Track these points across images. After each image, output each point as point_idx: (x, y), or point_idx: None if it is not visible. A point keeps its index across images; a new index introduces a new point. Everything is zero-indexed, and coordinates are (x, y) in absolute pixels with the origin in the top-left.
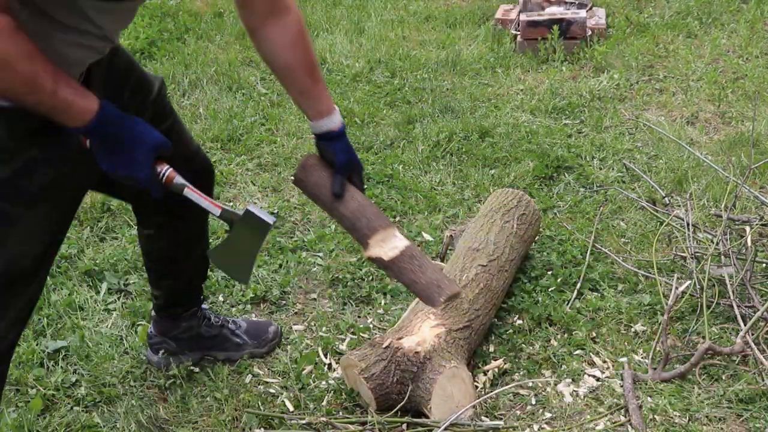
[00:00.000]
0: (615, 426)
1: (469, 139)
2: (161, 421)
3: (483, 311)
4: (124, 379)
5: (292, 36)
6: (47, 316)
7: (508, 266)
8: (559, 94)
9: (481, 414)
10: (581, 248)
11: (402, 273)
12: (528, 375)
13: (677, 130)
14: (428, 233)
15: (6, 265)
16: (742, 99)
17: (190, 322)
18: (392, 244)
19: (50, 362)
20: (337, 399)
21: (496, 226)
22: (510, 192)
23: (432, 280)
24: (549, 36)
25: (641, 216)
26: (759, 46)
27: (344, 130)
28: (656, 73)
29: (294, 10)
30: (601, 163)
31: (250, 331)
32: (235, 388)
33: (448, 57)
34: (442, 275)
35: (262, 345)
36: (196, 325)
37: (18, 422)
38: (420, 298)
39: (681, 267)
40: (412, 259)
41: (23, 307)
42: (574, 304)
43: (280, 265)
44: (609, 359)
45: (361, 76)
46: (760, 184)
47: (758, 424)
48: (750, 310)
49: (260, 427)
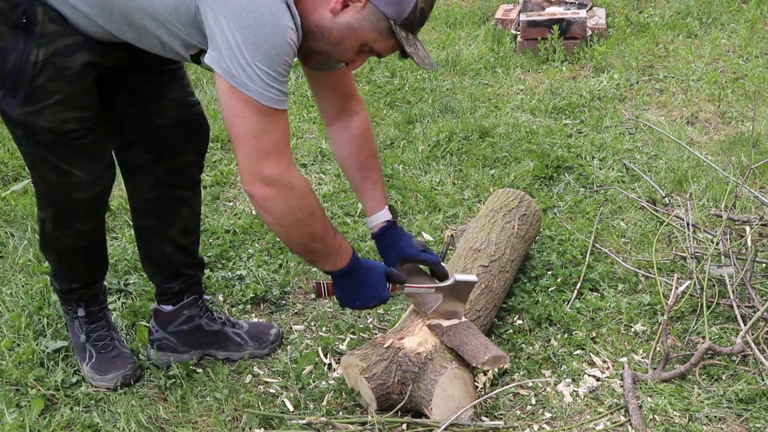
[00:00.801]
0: (615, 426)
1: (469, 139)
2: (161, 421)
3: (484, 312)
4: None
5: (351, 139)
6: (47, 316)
7: (509, 267)
8: (559, 94)
9: (481, 414)
10: (581, 248)
11: (455, 337)
12: (528, 375)
13: (677, 130)
14: (428, 233)
15: (54, 124)
16: (742, 99)
17: (191, 311)
18: (454, 317)
19: (50, 362)
20: (337, 399)
21: (497, 227)
22: (511, 192)
23: (482, 344)
24: (549, 36)
25: (641, 216)
26: (759, 46)
27: (384, 231)
28: (656, 73)
29: (360, 116)
30: (601, 163)
31: (251, 332)
32: (235, 388)
33: (448, 57)
34: (491, 344)
35: (263, 347)
36: (197, 316)
37: (18, 422)
38: (465, 356)
39: (681, 267)
40: (468, 328)
41: (90, 157)
42: (574, 304)
43: (280, 265)
44: (609, 359)
45: (361, 76)
46: (760, 184)
47: (758, 424)
48: (750, 310)
49: (260, 427)
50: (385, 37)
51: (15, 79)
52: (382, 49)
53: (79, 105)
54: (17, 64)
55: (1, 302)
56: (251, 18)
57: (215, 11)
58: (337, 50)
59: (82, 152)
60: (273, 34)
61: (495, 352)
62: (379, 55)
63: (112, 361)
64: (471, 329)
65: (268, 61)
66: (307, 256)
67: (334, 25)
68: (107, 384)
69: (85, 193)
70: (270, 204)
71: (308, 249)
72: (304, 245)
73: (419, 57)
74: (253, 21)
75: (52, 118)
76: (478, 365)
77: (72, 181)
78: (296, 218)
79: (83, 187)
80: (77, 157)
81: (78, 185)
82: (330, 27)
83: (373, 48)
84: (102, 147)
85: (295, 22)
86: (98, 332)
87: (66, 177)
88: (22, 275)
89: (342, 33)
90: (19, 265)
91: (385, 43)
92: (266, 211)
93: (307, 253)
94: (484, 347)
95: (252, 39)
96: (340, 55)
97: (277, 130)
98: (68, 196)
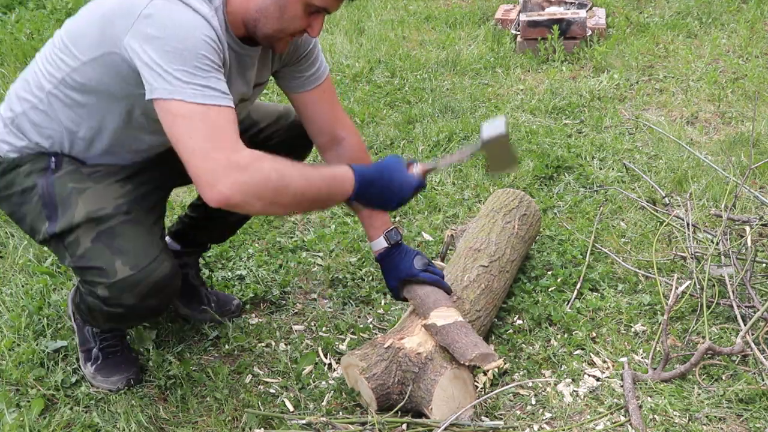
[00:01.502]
0: (615, 426)
1: (469, 139)
2: (161, 421)
3: (484, 312)
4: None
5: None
6: (47, 316)
7: (509, 267)
8: (559, 94)
9: (481, 414)
10: (581, 248)
11: (447, 335)
12: (528, 375)
13: (677, 130)
14: (428, 233)
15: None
16: (742, 99)
17: (190, 259)
18: (449, 317)
19: (50, 362)
20: (337, 399)
21: (498, 227)
22: (511, 192)
23: (471, 342)
24: (549, 36)
25: (641, 216)
26: (759, 46)
27: (383, 256)
28: (656, 73)
29: (349, 141)
30: (601, 163)
31: (217, 300)
32: (235, 388)
33: (448, 57)
34: (482, 342)
35: (223, 314)
36: (189, 266)
37: (18, 422)
38: (454, 354)
39: (681, 267)
40: (461, 328)
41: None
42: (574, 304)
43: (280, 265)
44: (609, 359)
45: (361, 76)
46: (760, 184)
47: (758, 424)
48: (750, 310)
49: (260, 427)
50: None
51: (48, 200)
52: (325, 2)
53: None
54: (44, 187)
55: (1, 302)
56: (152, 29)
57: (133, 44)
58: (286, 23)
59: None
60: (177, 33)
61: (483, 349)
62: (327, 11)
63: (117, 365)
64: (464, 328)
65: (181, 59)
66: (316, 205)
67: (269, 1)
68: (110, 386)
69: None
70: (240, 197)
71: (311, 200)
72: (303, 200)
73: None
74: (155, 30)
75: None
76: (465, 362)
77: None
78: (272, 188)
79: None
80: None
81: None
82: (266, 5)
83: (315, 4)
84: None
85: (203, 16)
86: (110, 341)
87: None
88: (22, 275)
89: (278, 4)
90: (19, 265)
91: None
92: (246, 205)
93: (314, 203)
94: (473, 345)
95: (160, 45)
96: (292, 26)
97: (212, 123)
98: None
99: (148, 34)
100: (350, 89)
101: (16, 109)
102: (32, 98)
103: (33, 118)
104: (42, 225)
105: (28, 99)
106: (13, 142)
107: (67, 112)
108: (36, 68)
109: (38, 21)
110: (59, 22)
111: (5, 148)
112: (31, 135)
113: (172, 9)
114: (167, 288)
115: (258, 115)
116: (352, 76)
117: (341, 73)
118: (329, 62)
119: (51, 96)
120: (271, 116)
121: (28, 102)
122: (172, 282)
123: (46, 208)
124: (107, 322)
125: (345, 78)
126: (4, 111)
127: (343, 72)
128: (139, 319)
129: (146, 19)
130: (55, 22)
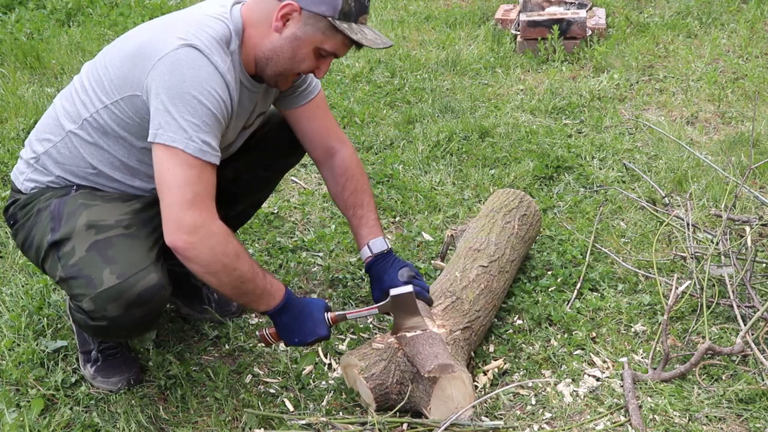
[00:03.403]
0: (615, 426)
1: (469, 139)
2: (161, 421)
3: (483, 312)
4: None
5: (334, 178)
6: (47, 316)
7: (508, 267)
8: (559, 94)
9: (481, 414)
10: (581, 248)
11: (414, 346)
12: (528, 375)
13: (677, 130)
14: (428, 233)
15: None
16: (742, 99)
17: None
18: (417, 328)
19: (50, 362)
20: (337, 399)
21: (498, 227)
22: (511, 192)
23: (433, 353)
24: (549, 36)
25: (641, 216)
26: (759, 46)
27: (370, 265)
28: (656, 73)
29: (341, 153)
30: (601, 163)
31: (218, 301)
32: (235, 388)
33: (448, 57)
34: (444, 353)
35: (224, 315)
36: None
37: (18, 422)
38: (416, 366)
39: (681, 267)
40: (427, 339)
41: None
42: (574, 304)
43: (280, 265)
44: (609, 359)
45: (361, 76)
46: (760, 184)
47: (758, 424)
48: (750, 310)
49: (260, 427)
50: (330, 34)
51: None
52: (335, 47)
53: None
54: (57, 205)
55: (1, 302)
56: (172, 76)
57: (150, 86)
58: (295, 63)
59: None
60: (194, 85)
61: (443, 360)
62: (335, 55)
63: (117, 366)
64: (429, 339)
65: (192, 110)
66: (241, 298)
67: (283, 41)
68: (110, 387)
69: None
70: (194, 254)
71: (241, 291)
72: (237, 288)
73: (369, 40)
74: (174, 78)
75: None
76: (424, 373)
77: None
78: (222, 264)
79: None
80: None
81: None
82: (281, 45)
83: (325, 49)
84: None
85: (220, 72)
86: (109, 343)
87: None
88: (22, 275)
89: (292, 45)
90: (19, 265)
91: (333, 40)
92: (193, 261)
93: (241, 296)
94: (433, 356)
95: (175, 93)
96: (301, 67)
97: (201, 182)
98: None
99: (166, 80)
100: (350, 89)
101: (38, 150)
102: (54, 137)
103: (55, 156)
104: (45, 238)
105: (50, 139)
106: (39, 179)
107: (89, 149)
108: (55, 111)
109: (38, 21)
110: (59, 22)
111: (30, 186)
112: (55, 170)
113: (194, 60)
114: (152, 300)
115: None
116: (352, 76)
117: (341, 73)
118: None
119: (72, 135)
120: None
121: (49, 142)
122: (158, 294)
123: (53, 221)
124: (96, 337)
125: (345, 78)
126: (26, 154)
127: (343, 72)
128: (126, 332)
129: (168, 65)
130: (55, 22)
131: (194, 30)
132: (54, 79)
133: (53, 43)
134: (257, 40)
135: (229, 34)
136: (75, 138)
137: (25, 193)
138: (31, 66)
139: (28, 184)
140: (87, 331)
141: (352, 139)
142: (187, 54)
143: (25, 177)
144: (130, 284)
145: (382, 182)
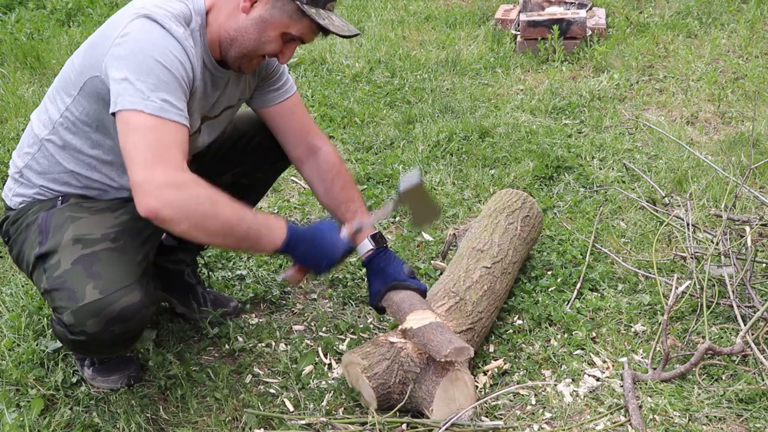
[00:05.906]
0: (615, 426)
1: (469, 139)
2: (161, 421)
3: (486, 313)
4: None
5: (320, 175)
6: (47, 316)
7: (511, 269)
8: (559, 94)
9: (481, 414)
10: (581, 248)
11: (423, 336)
12: (528, 375)
13: (677, 130)
14: (428, 233)
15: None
16: (742, 99)
17: (185, 256)
18: (424, 319)
19: (50, 362)
20: (337, 399)
21: (500, 228)
22: (514, 193)
23: (446, 339)
24: (549, 36)
25: (641, 216)
26: (759, 46)
27: (370, 259)
28: (656, 73)
29: (324, 150)
30: (601, 163)
31: (215, 300)
32: (235, 388)
33: (448, 57)
34: (456, 338)
35: (221, 315)
36: (186, 264)
37: (18, 422)
38: (430, 352)
39: (681, 267)
40: (436, 328)
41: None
42: (574, 304)
43: (280, 265)
44: (609, 359)
45: (361, 76)
46: (760, 184)
47: (758, 424)
48: (750, 310)
49: (260, 427)
50: (297, 18)
51: (44, 228)
52: (302, 32)
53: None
54: (44, 218)
55: (1, 302)
56: (126, 46)
57: (108, 63)
58: (260, 45)
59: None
60: (148, 49)
61: (458, 344)
62: (302, 41)
63: (116, 365)
64: (438, 328)
65: (148, 70)
66: (242, 244)
67: (249, 22)
68: (111, 385)
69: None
70: (168, 213)
71: (236, 237)
72: (229, 235)
73: (336, 27)
74: (128, 47)
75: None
76: (440, 358)
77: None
78: (201, 213)
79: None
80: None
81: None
82: (246, 26)
83: (292, 33)
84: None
85: (175, 36)
86: None
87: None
88: (22, 275)
89: (258, 27)
90: None
91: (300, 25)
92: (171, 223)
93: (240, 242)
94: (447, 341)
95: (131, 60)
96: (266, 49)
97: (162, 141)
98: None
99: (120, 51)
100: (350, 89)
101: (19, 164)
102: (31, 150)
103: (35, 167)
104: (33, 251)
105: (29, 152)
106: (24, 192)
107: (63, 155)
108: (31, 125)
109: (38, 21)
110: (59, 22)
111: (17, 201)
112: (37, 181)
113: (146, 28)
114: (133, 318)
115: (244, 125)
116: (352, 76)
117: (341, 73)
118: (329, 62)
119: (46, 142)
120: (258, 123)
121: (28, 154)
122: (140, 313)
123: (40, 234)
124: (75, 352)
125: (345, 78)
126: (12, 170)
127: (343, 72)
128: (105, 349)
129: (122, 38)
130: (55, 22)
131: (151, 6)
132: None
133: (53, 43)
134: (222, 21)
135: (188, 13)
136: (49, 145)
137: (14, 209)
138: (31, 66)
139: (16, 199)
140: (66, 345)
141: (352, 139)
142: (141, 23)
143: (13, 192)
144: (111, 300)
145: (382, 182)
